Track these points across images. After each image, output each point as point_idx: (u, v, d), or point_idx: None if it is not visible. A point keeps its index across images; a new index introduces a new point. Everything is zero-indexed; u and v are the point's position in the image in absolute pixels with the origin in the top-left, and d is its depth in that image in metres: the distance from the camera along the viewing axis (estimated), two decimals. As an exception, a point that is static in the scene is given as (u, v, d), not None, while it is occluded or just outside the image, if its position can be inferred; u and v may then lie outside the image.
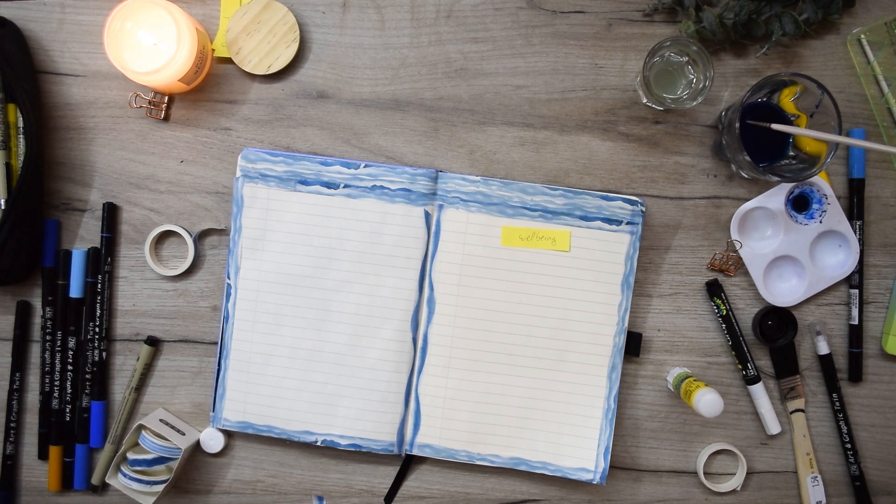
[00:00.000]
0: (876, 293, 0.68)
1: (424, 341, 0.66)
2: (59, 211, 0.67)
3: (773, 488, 0.69)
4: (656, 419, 0.68)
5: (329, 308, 0.66)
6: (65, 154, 0.67)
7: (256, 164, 0.64)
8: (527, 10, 0.67)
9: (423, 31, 0.67)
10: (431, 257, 0.66)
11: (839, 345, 0.69)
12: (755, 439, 0.69)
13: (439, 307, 0.66)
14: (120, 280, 0.67)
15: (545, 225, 0.65)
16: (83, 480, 0.67)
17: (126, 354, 0.67)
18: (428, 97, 0.67)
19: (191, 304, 0.67)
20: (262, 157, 0.64)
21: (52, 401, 0.67)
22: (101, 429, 0.67)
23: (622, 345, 0.66)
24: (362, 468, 0.68)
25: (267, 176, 0.64)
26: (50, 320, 0.66)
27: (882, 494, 0.69)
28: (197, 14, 0.66)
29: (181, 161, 0.67)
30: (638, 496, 0.69)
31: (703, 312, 0.68)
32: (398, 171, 0.65)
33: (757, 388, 0.67)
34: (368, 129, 0.67)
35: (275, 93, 0.67)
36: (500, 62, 0.67)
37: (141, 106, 0.66)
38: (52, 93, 0.66)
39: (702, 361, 0.68)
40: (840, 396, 0.68)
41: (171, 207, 0.67)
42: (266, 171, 0.64)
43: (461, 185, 0.66)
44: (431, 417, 0.66)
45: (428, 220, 0.66)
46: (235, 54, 0.65)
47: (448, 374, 0.66)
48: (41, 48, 0.66)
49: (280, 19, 0.65)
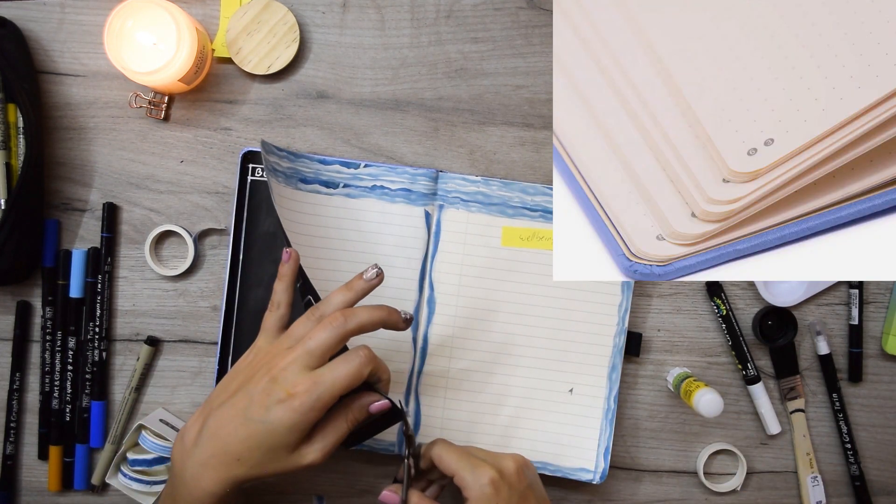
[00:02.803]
0: (876, 293, 0.68)
1: (424, 341, 0.66)
2: (59, 211, 0.67)
3: (773, 488, 0.69)
4: (656, 419, 0.68)
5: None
6: (65, 154, 0.67)
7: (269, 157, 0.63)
8: (527, 10, 0.67)
9: (423, 31, 0.67)
10: (431, 257, 0.66)
11: (839, 345, 0.69)
12: (755, 439, 0.69)
13: (439, 307, 0.66)
14: (120, 280, 0.67)
15: (545, 225, 0.65)
16: (83, 480, 0.67)
17: (126, 354, 0.67)
18: (428, 97, 0.67)
19: (191, 304, 0.67)
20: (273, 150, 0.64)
21: (52, 401, 0.67)
22: (101, 429, 0.67)
23: (622, 345, 0.66)
24: (362, 468, 0.68)
25: (276, 171, 0.63)
26: (50, 320, 0.66)
27: (882, 494, 0.69)
28: (197, 14, 0.66)
29: (181, 161, 0.67)
30: (638, 496, 0.69)
31: (703, 312, 0.68)
32: (398, 170, 0.66)
33: (757, 388, 0.67)
34: (368, 129, 0.67)
35: (275, 93, 0.67)
36: (500, 62, 0.67)
37: (141, 106, 0.66)
38: (52, 93, 0.66)
39: (702, 361, 0.68)
40: (840, 396, 0.68)
41: (171, 207, 0.67)
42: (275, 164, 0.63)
43: (461, 185, 0.66)
44: (431, 417, 0.66)
45: (428, 220, 0.66)
46: (235, 54, 0.65)
47: (448, 373, 0.66)
48: (41, 48, 0.66)
49: (280, 19, 0.65)
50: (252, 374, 0.52)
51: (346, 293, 0.54)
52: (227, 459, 0.50)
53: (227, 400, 0.52)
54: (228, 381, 0.54)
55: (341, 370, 0.50)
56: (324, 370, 0.50)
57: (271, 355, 0.52)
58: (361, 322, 0.52)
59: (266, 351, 0.54)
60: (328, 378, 0.50)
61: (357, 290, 0.54)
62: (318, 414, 0.50)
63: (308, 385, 0.49)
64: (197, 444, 0.51)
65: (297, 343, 0.52)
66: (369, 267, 0.55)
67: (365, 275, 0.55)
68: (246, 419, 0.50)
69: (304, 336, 0.52)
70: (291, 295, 0.56)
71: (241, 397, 0.51)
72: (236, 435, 0.50)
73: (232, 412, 0.51)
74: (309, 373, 0.50)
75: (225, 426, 0.51)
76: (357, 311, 0.53)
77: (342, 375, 0.50)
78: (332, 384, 0.50)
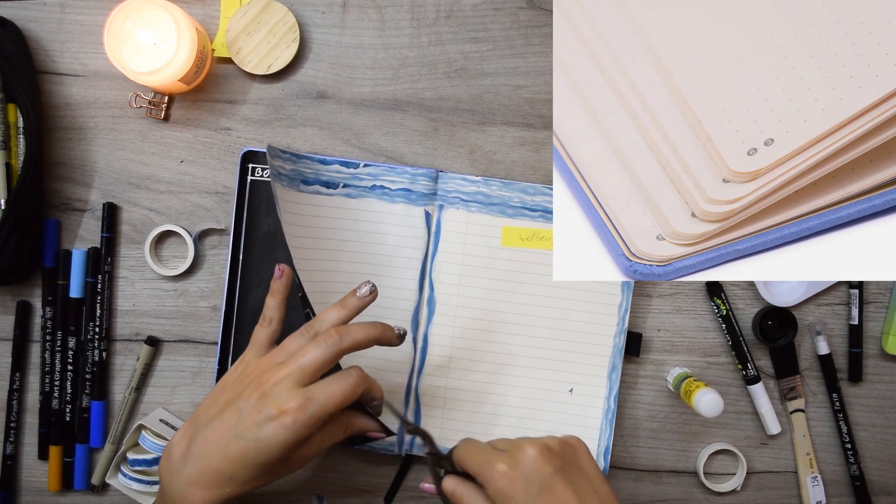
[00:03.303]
0: (876, 293, 0.68)
1: (424, 341, 0.66)
2: (59, 211, 0.67)
3: (773, 488, 0.69)
4: (656, 419, 0.68)
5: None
6: (65, 154, 0.67)
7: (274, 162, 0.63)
8: (527, 10, 0.67)
9: (423, 31, 0.67)
10: (431, 257, 0.66)
11: (839, 345, 0.69)
12: (755, 439, 0.69)
13: (439, 307, 0.66)
14: (120, 280, 0.67)
15: (545, 225, 0.65)
16: (83, 480, 0.67)
17: (126, 354, 0.67)
18: (428, 97, 0.67)
19: (191, 304, 0.67)
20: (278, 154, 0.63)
21: (52, 401, 0.67)
22: (101, 429, 0.67)
23: (622, 345, 0.66)
24: (362, 468, 0.68)
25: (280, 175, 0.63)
26: (50, 320, 0.66)
27: (882, 494, 0.69)
28: (197, 14, 0.66)
29: (181, 161, 0.67)
30: (638, 496, 0.69)
31: (703, 312, 0.68)
32: (398, 170, 0.66)
33: (757, 388, 0.67)
34: (368, 129, 0.67)
35: (275, 93, 0.67)
36: (500, 62, 0.67)
37: (141, 106, 0.66)
38: (52, 93, 0.66)
39: (702, 361, 0.68)
40: (840, 396, 0.68)
41: (171, 207, 0.67)
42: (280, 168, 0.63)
43: (461, 185, 0.66)
44: (431, 417, 0.66)
45: (428, 220, 0.66)
46: (235, 54, 0.65)
47: (448, 374, 0.66)
48: (41, 48, 0.66)
49: (280, 19, 0.65)
50: (241, 389, 0.51)
51: (340, 311, 0.53)
52: (217, 479, 0.49)
53: (215, 416, 0.50)
54: (216, 396, 0.52)
55: (334, 389, 0.49)
56: (317, 387, 0.50)
57: (261, 370, 0.51)
58: (356, 340, 0.52)
59: (256, 365, 0.52)
60: (321, 396, 0.49)
61: (351, 308, 0.54)
62: (309, 431, 0.49)
63: (301, 402, 0.48)
64: (185, 461, 0.50)
65: (290, 358, 0.51)
66: (362, 284, 0.54)
67: (358, 292, 0.54)
68: (236, 436, 0.49)
69: (297, 352, 0.51)
70: (284, 311, 0.55)
71: (231, 414, 0.50)
72: (227, 453, 0.49)
73: (221, 429, 0.49)
74: (301, 389, 0.49)
75: (214, 444, 0.49)
76: (352, 328, 0.52)
77: (335, 394, 0.49)
78: (324, 402, 0.49)
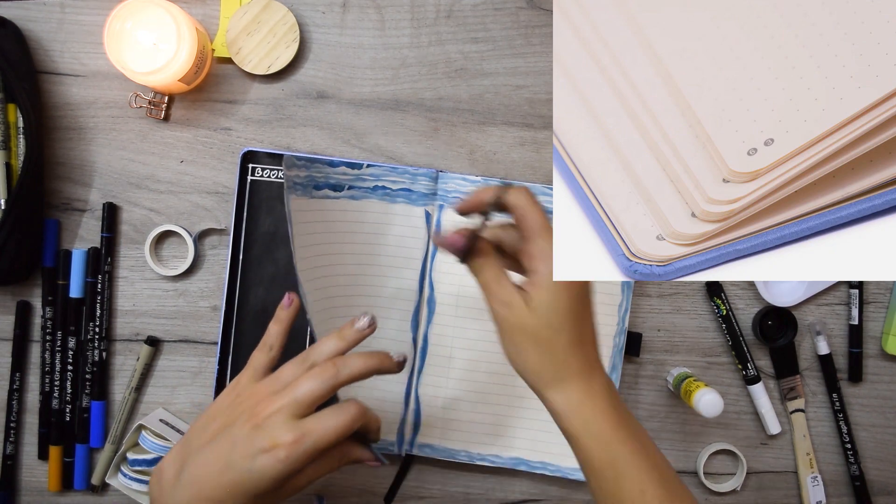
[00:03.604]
0: (876, 293, 0.68)
1: (424, 341, 0.66)
2: (59, 211, 0.67)
3: (773, 488, 0.69)
4: (656, 419, 0.68)
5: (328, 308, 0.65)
6: (65, 154, 0.67)
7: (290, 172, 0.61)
8: (527, 10, 0.67)
9: (423, 31, 0.67)
10: (431, 257, 0.66)
11: (839, 345, 0.69)
12: (755, 439, 0.69)
13: (439, 307, 0.66)
14: (120, 280, 0.67)
15: (545, 225, 0.65)
16: (83, 480, 0.67)
17: (126, 354, 0.67)
18: (428, 97, 0.67)
19: (191, 304, 0.67)
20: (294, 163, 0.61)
21: (52, 401, 0.67)
22: (101, 429, 0.67)
23: (622, 345, 0.66)
24: (362, 468, 0.68)
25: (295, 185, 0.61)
26: (50, 320, 0.66)
27: (882, 494, 0.69)
28: (197, 14, 0.66)
29: (181, 161, 0.67)
30: (638, 496, 0.69)
31: (703, 312, 0.68)
32: (399, 171, 0.65)
33: (757, 388, 0.67)
34: (368, 130, 0.67)
35: (275, 93, 0.67)
36: (500, 62, 0.67)
37: (141, 106, 0.66)
38: (52, 93, 0.66)
39: (702, 361, 0.68)
40: (840, 396, 0.68)
41: (171, 207, 0.67)
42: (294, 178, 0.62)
43: (461, 185, 0.66)
44: (431, 417, 0.66)
45: (428, 219, 0.66)
46: (235, 54, 0.65)
47: (448, 374, 0.66)
48: (41, 48, 0.66)
49: (280, 19, 0.65)
50: (235, 417, 0.49)
51: (337, 342, 0.51)
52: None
53: (208, 442, 0.49)
54: (208, 420, 0.51)
55: (331, 424, 0.48)
56: (312, 421, 0.48)
57: (256, 399, 0.50)
58: (353, 373, 0.50)
59: (250, 392, 0.51)
60: (317, 431, 0.47)
61: (349, 340, 0.52)
62: (303, 465, 0.47)
63: (295, 436, 0.47)
64: (176, 486, 0.49)
65: (285, 389, 0.49)
66: (361, 315, 0.52)
67: (357, 323, 0.52)
68: (228, 465, 0.47)
69: (292, 383, 0.49)
70: (286, 339, 0.54)
71: (224, 441, 0.48)
72: (219, 481, 0.47)
73: (213, 456, 0.48)
74: (295, 422, 0.47)
75: (207, 470, 0.48)
76: (349, 360, 0.50)
77: (331, 429, 0.47)
78: (319, 438, 0.47)
